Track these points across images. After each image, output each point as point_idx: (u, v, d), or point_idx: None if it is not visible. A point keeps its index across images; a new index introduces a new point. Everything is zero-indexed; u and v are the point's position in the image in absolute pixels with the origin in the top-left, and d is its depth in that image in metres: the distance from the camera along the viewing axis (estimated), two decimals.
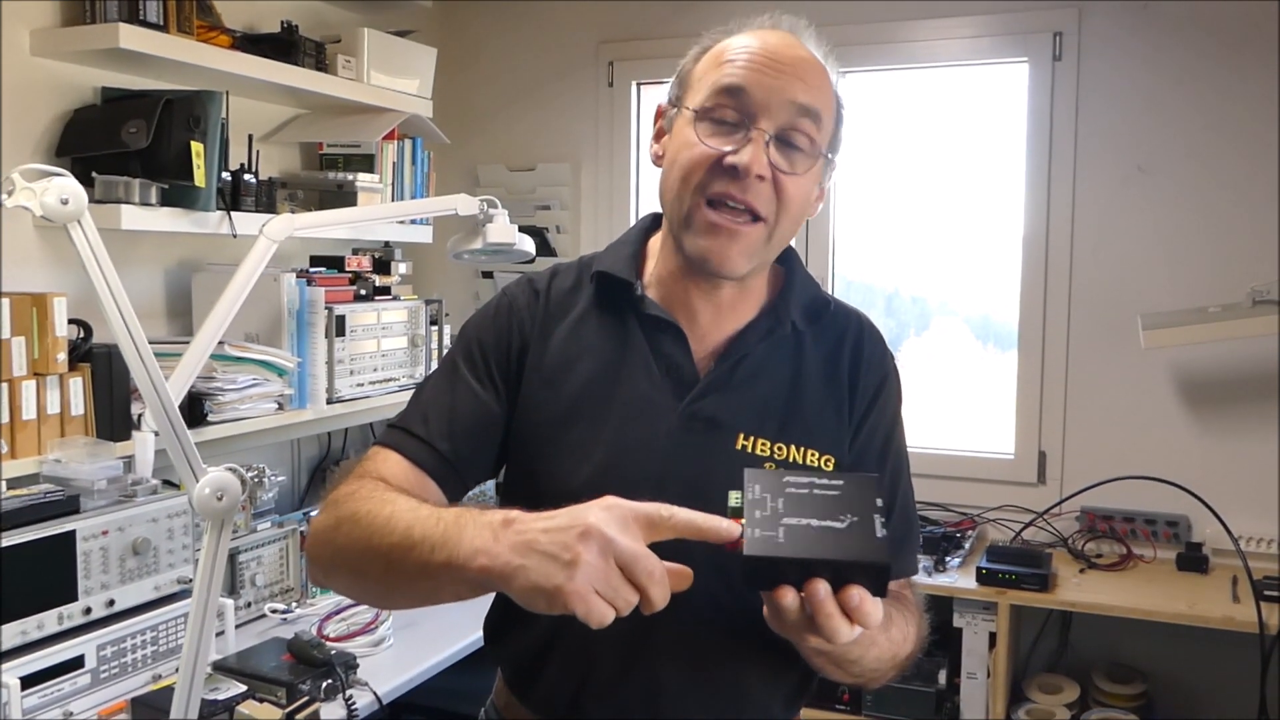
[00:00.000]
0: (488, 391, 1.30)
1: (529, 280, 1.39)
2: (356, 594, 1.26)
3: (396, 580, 1.09)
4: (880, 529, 0.98)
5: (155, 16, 2.25)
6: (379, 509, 1.12)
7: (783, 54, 1.23)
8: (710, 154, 1.20)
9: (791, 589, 0.97)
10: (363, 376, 2.72)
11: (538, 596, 0.95)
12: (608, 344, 1.31)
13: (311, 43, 2.69)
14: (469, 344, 1.34)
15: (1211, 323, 2.70)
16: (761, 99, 1.20)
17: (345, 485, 1.22)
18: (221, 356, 2.37)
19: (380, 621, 2.34)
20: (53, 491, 1.97)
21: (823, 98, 1.24)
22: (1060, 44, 3.01)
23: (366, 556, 1.10)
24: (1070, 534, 3.00)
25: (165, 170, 2.27)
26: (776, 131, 1.21)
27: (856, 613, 0.96)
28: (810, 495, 1.01)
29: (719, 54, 1.26)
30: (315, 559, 1.22)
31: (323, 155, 2.97)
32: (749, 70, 1.21)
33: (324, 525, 1.19)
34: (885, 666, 1.21)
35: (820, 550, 0.96)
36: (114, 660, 1.98)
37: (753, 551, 0.96)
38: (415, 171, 3.07)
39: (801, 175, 1.23)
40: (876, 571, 0.96)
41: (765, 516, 0.99)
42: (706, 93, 1.23)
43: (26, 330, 2.03)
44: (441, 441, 1.27)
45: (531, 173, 3.60)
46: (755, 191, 1.19)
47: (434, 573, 1.03)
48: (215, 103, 2.32)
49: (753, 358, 1.30)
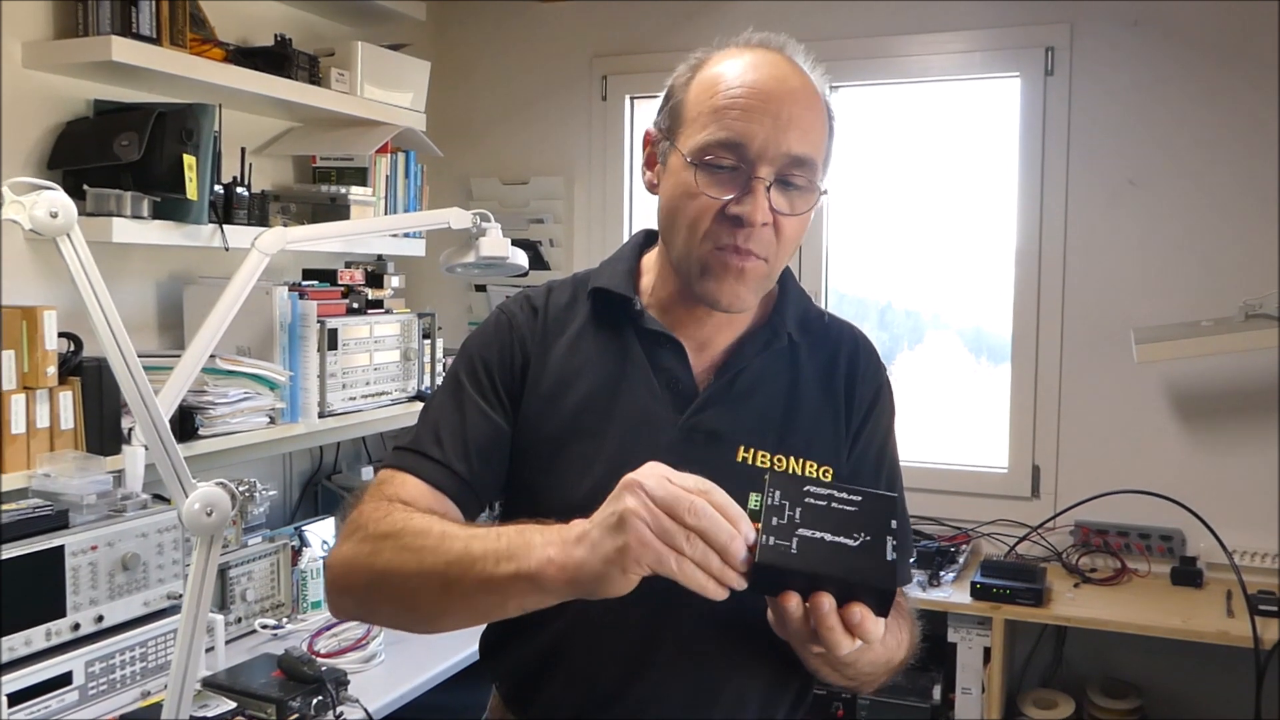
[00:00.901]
0: (495, 410, 1.30)
1: (526, 296, 1.39)
2: (399, 618, 1.21)
3: (453, 597, 1.09)
4: (891, 552, 0.99)
5: (148, 29, 2.25)
6: (427, 528, 1.12)
7: (775, 91, 1.20)
8: (713, 204, 1.21)
9: (796, 596, 0.99)
10: (355, 390, 2.71)
11: (613, 570, 0.96)
12: (607, 358, 1.31)
13: (305, 56, 2.68)
14: (472, 362, 1.34)
15: (1204, 336, 2.70)
16: (759, 150, 1.19)
17: (368, 509, 1.20)
18: (213, 370, 2.36)
19: (371, 637, 2.33)
20: (42, 506, 1.96)
21: (817, 137, 1.24)
22: (1052, 59, 3.02)
23: (419, 577, 1.10)
24: (1064, 548, 3.00)
25: (157, 183, 2.26)
26: (775, 177, 1.20)
27: (858, 629, 0.98)
28: (828, 508, 1.02)
29: (710, 87, 1.23)
30: (348, 588, 1.19)
31: (316, 168, 2.97)
32: (745, 121, 1.19)
33: (356, 552, 1.16)
34: (879, 671, 1.25)
35: (829, 567, 0.98)
36: (102, 677, 1.96)
37: (765, 560, 0.97)
38: (408, 185, 3.07)
39: (802, 215, 1.24)
40: (882, 595, 0.98)
41: (781, 525, 1.00)
42: (702, 139, 1.21)
43: (16, 343, 2.01)
44: (459, 463, 1.26)
45: (525, 186, 3.60)
46: (759, 239, 1.21)
47: (500, 585, 1.04)
48: (208, 116, 2.32)
49: (751, 370, 1.31)
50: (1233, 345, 2.67)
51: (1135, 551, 2.93)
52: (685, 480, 0.98)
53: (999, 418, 3.17)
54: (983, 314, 3.34)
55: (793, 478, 1.13)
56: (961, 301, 3.40)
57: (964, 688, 2.78)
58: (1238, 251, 2.86)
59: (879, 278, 3.47)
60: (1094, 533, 2.97)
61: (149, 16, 2.25)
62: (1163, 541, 2.91)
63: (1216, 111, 2.87)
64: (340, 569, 1.19)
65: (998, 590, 2.70)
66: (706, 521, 0.95)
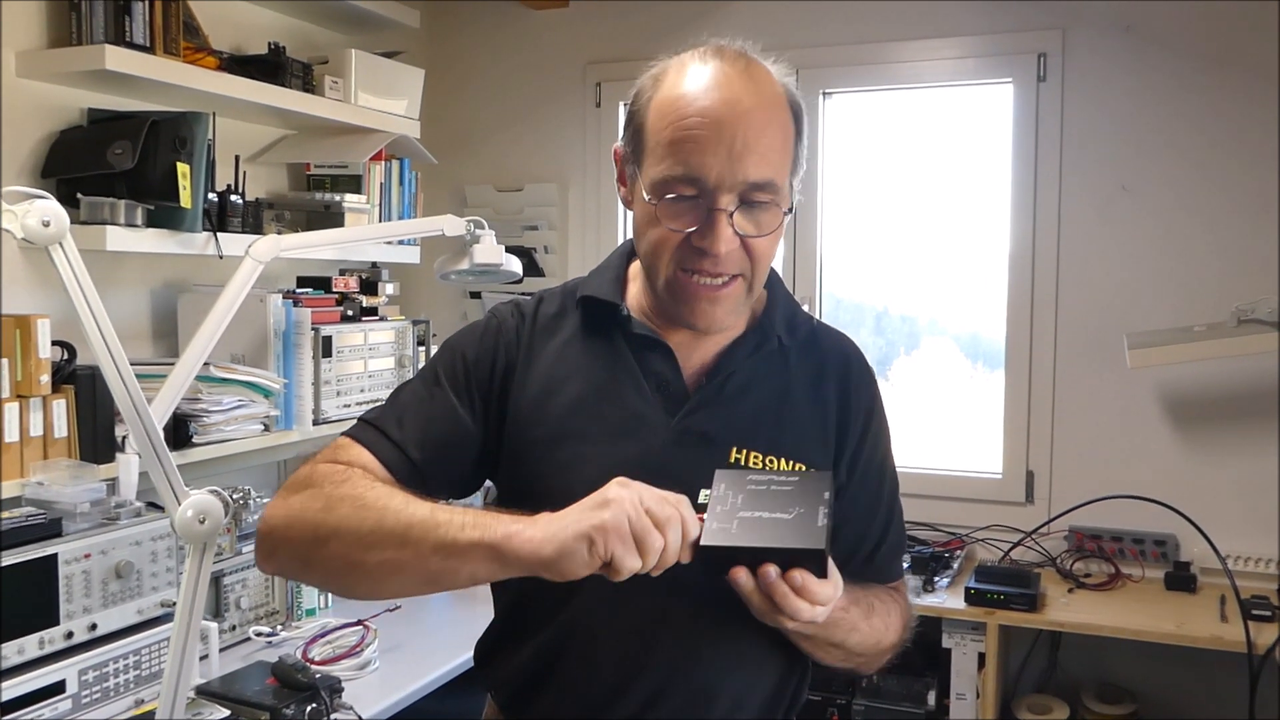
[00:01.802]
0: (465, 408, 1.31)
1: (516, 304, 1.40)
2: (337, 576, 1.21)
3: (407, 556, 1.11)
4: (823, 518, 1.08)
5: (142, 38, 2.25)
6: (390, 493, 1.16)
7: (728, 118, 1.17)
8: (676, 236, 1.21)
9: (745, 570, 1.07)
10: (349, 397, 2.71)
11: (580, 547, 1.02)
12: (597, 364, 1.32)
13: (299, 64, 2.69)
14: (452, 357, 1.35)
15: (1197, 342, 2.71)
16: (715, 181, 1.17)
17: (322, 469, 1.22)
18: (207, 378, 2.36)
19: (366, 645, 2.33)
20: (35, 514, 1.96)
21: (778, 156, 1.20)
22: (1045, 65, 3.03)
23: (375, 534, 1.12)
24: (1058, 554, 3.00)
25: (151, 191, 2.26)
26: (737, 203, 1.19)
27: (804, 592, 1.07)
28: (767, 491, 1.12)
29: (666, 114, 1.20)
30: (287, 540, 1.19)
31: (310, 176, 2.97)
32: (699, 154, 1.17)
33: (305, 506, 1.18)
34: (871, 651, 1.30)
35: (764, 539, 1.07)
36: (96, 685, 1.96)
37: (707, 542, 1.06)
38: (403, 192, 3.07)
39: (770, 234, 1.23)
40: (812, 556, 1.07)
41: (724, 511, 1.10)
42: (659, 174, 1.20)
43: (10, 352, 2.02)
44: (414, 449, 1.28)
45: (519, 193, 3.60)
46: (727, 263, 1.21)
47: (459, 550, 1.08)
48: (202, 124, 2.32)
49: (741, 373, 1.32)
50: (1226, 350, 2.68)
51: (1129, 557, 2.94)
52: (669, 497, 1.06)
53: (994, 423, 3.17)
54: (979, 319, 3.35)
55: (738, 470, 1.18)
56: (958, 307, 3.41)
57: (958, 693, 2.78)
58: (1231, 256, 2.87)
59: (875, 283, 3.48)
60: (1088, 538, 2.98)
61: (142, 25, 2.25)
62: (1156, 547, 2.92)
63: (1209, 117, 2.88)
64: (282, 520, 1.20)
65: (992, 596, 2.71)
66: (673, 535, 1.04)
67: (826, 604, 1.09)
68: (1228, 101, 2.86)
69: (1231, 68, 2.85)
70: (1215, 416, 2.90)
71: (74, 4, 2.24)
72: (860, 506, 1.35)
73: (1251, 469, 2.85)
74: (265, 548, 1.23)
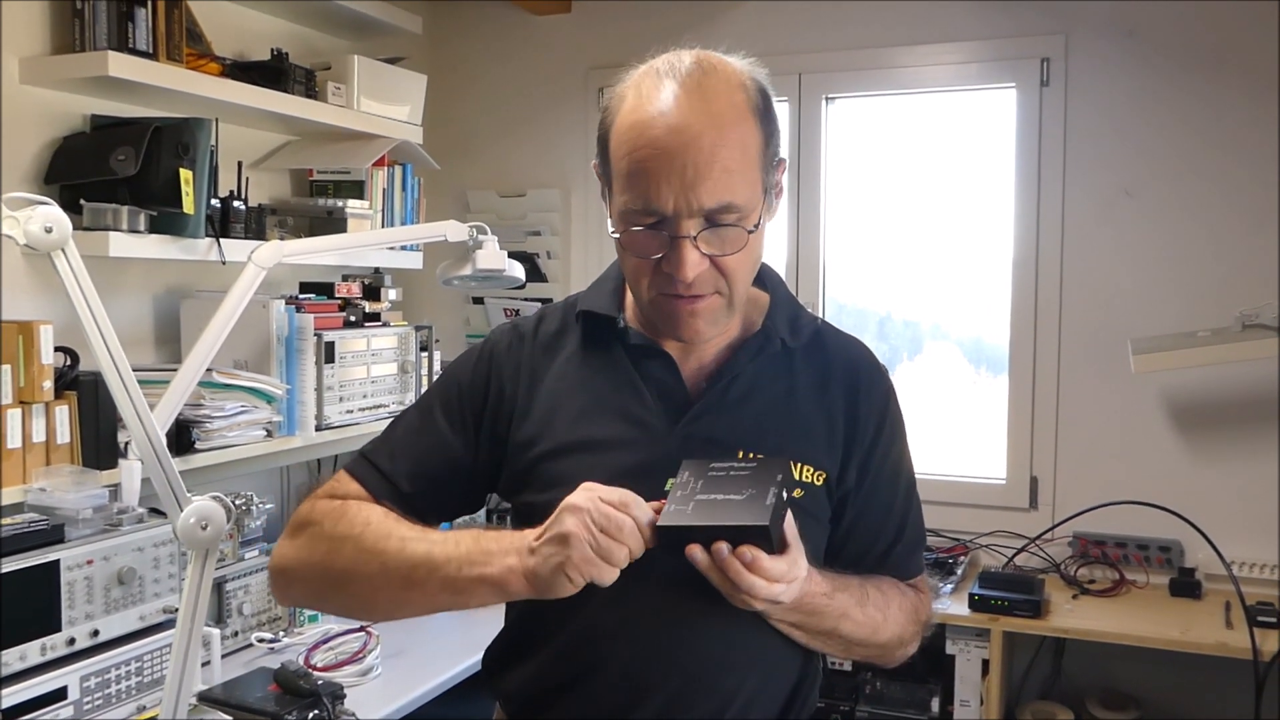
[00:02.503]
0: (458, 437, 1.35)
1: (513, 325, 1.42)
2: (352, 610, 1.35)
3: (414, 595, 1.22)
4: (771, 497, 1.13)
5: (145, 44, 2.25)
6: (386, 531, 1.23)
7: (678, 146, 1.15)
8: (645, 264, 1.22)
9: (699, 547, 1.12)
10: (352, 403, 2.71)
11: (559, 579, 1.11)
12: (598, 377, 1.33)
13: (301, 70, 2.69)
14: (447, 387, 1.39)
15: (1201, 347, 2.70)
16: (675, 211, 1.17)
17: (321, 506, 1.30)
18: (210, 383, 2.36)
19: (368, 651, 2.32)
20: (37, 521, 1.95)
21: (737, 176, 1.18)
22: (1048, 70, 3.02)
23: (381, 577, 1.21)
24: (1062, 560, 2.99)
25: (154, 197, 2.26)
26: (702, 226, 1.18)
27: (755, 568, 1.11)
28: (726, 477, 1.17)
29: (624, 142, 1.20)
30: (300, 580, 1.29)
31: (313, 182, 2.97)
32: (656, 185, 1.16)
33: (311, 550, 1.27)
34: (869, 641, 1.31)
35: (714, 519, 1.12)
36: (98, 691, 1.96)
37: (663, 523, 1.13)
38: (405, 198, 3.07)
39: (739, 251, 1.21)
40: (759, 532, 1.11)
41: (683, 495, 1.16)
42: (621, 205, 1.21)
43: (12, 358, 2.01)
44: (404, 482, 1.34)
45: (522, 199, 3.60)
46: (700, 283, 1.21)
47: (464, 588, 1.18)
48: (204, 130, 2.32)
49: (745, 377, 1.32)
50: (1230, 355, 2.67)
51: (1134, 563, 2.93)
52: (612, 496, 1.12)
53: (998, 428, 3.17)
54: (982, 324, 3.34)
55: (703, 461, 1.21)
56: (961, 312, 3.40)
57: (962, 700, 2.77)
58: (1235, 261, 2.86)
59: (878, 288, 3.47)
60: (1092, 544, 2.97)
61: (145, 32, 2.25)
62: (1161, 553, 2.91)
63: (1212, 121, 2.88)
64: (292, 563, 1.29)
65: (996, 602, 2.70)
66: (631, 538, 1.11)
67: (781, 580, 1.13)
68: (1230, 106, 2.86)
69: (1234, 72, 2.85)
70: (1220, 422, 2.89)
71: (77, 10, 2.24)
72: (876, 506, 1.36)
73: (1256, 474, 2.84)
74: (279, 586, 1.33)
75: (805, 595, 1.20)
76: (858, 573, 1.31)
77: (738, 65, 1.23)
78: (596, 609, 1.23)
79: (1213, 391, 2.89)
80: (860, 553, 1.35)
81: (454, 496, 1.37)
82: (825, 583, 1.24)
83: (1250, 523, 2.83)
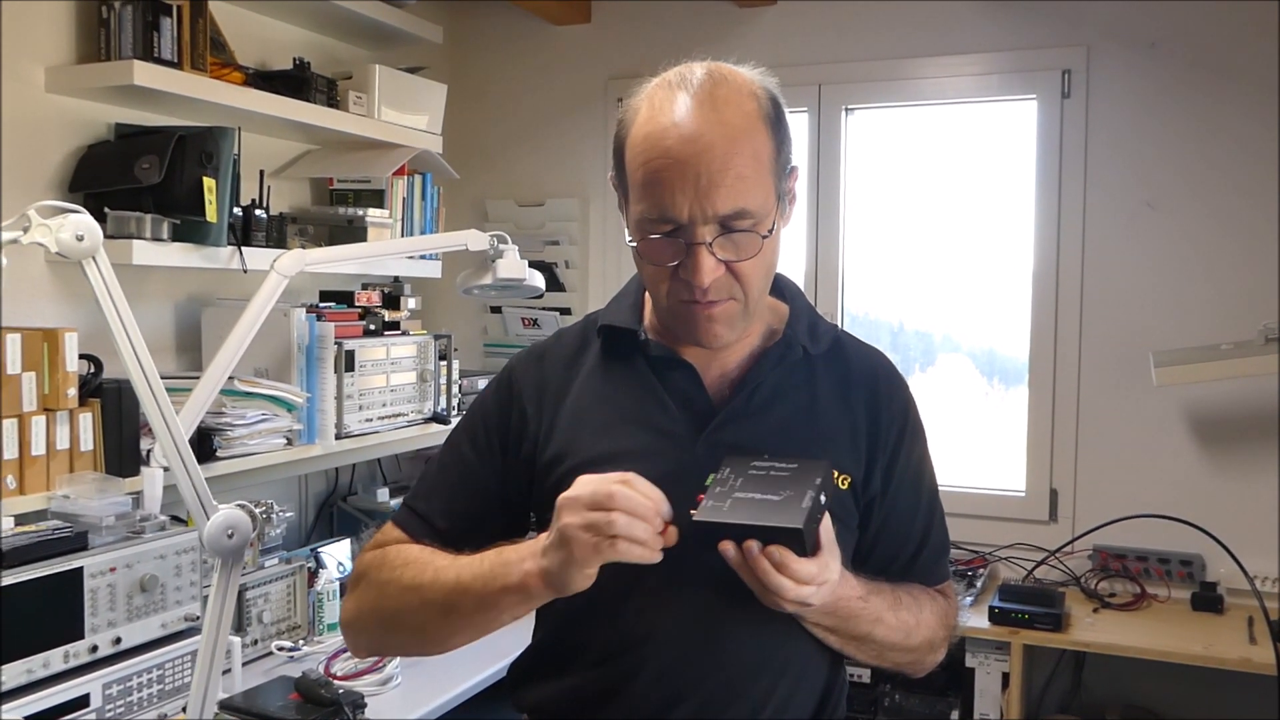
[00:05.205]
0: (486, 467, 1.38)
1: (531, 348, 1.45)
2: (412, 646, 1.43)
3: (455, 619, 1.27)
4: (808, 500, 1.13)
5: (169, 53, 2.27)
6: (420, 568, 1.29)
7: (690, 156, 1.17)
8: (663, 271, 1.24)
9: (731, 544, 1.14)
10: (371, 412, 2.71)
11: (570, 571, 1.14)
12: (620, 390, 1.34)
13: (323, 79, 2.70)
14: (473, 420, 1.43)
15: (1224, 360, 2.68)
16: (689, 218, 1.19)
17: (368, 558, 1.38)
18: (231, 391, 2.37)
19: (388, 660, 2.32)
20: (61, 528, 1.95)
21: (750, 182, 1.20)
22: (1069, 82, 3.02)
23: (424, 609, 1.28)
24: (1083, 573, 2.97)
25: (177, 206, 2.27)
26: (716, 233, 1.20)
27: (784, 569, 1.12)
28: (766, 476, 1.18)
29: (638, 154, 1.22)
30: (363, 630, 1.37)
31: (333, 190, 2.98)
32: (670, 194, 1.18)
33: (362, 600, 1.35)
34: (902, 646, 1.31)
35: (749, 517, 1.13)
36: (120, 699, 1.96)
37: (699, 518, 1.15)
38: (425, 207, 3.08)
39: (753, 258, 1.23)
40: (791, 534, 1.12)
41: (722, 491, 1.17)
42: (637, 214, 1.23)
43: (37, 365, 2.02)
44: (439, 519, 1.38)
45: (540, 208, 3.60)
46: (716, 289, 1.23)
47: (494, 601, 1.21)
48: (227, 139, 2.33)
49: (767, 385, 1.33)
50: (1253, 369, 2.65)
51: (1155, 576, 2.91)
52: (609, 475, 1.15)
53: (1014, 440, 3.15)
54: (996, 336, 3.33)
55: (745, 458, 1.22)
56: (974, 323, 3.39)
57: (982, 714, 2.76)
58: (1257, 274, 2.85)
59: (891, 298, 3.46)
60: (1113, 557, 2.95)
61: (170, 41, 2.27)
62: (1183, 566, 2.89)
63: (1235, 134, 2.87)
64: (353, 617, 1.37)
65: (1016, 615, 2.68)
66: (624, 502, 1.11)
67: (811, 583, 1.13)
68: (1252, 118, 2.84)
69: (1255, 85, 2.83)
70: (1242, 435, 2.87)
71: (103, 20, 2.25)
72: (900, 512, 1.37)
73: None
74: (349, 640, 1.40)
75: (839, 600, 1.21)
76: (885, 580, 1.32)
77: (748, 75, 1.26)
78: (629, 618, 1.25)
79: (1235, 405, 2.87)
80: (886, 559, 1.36)
81: (491, 527, 1.37)
82: (859, 586, 1.24)
83: (1273, 537, 2.81)
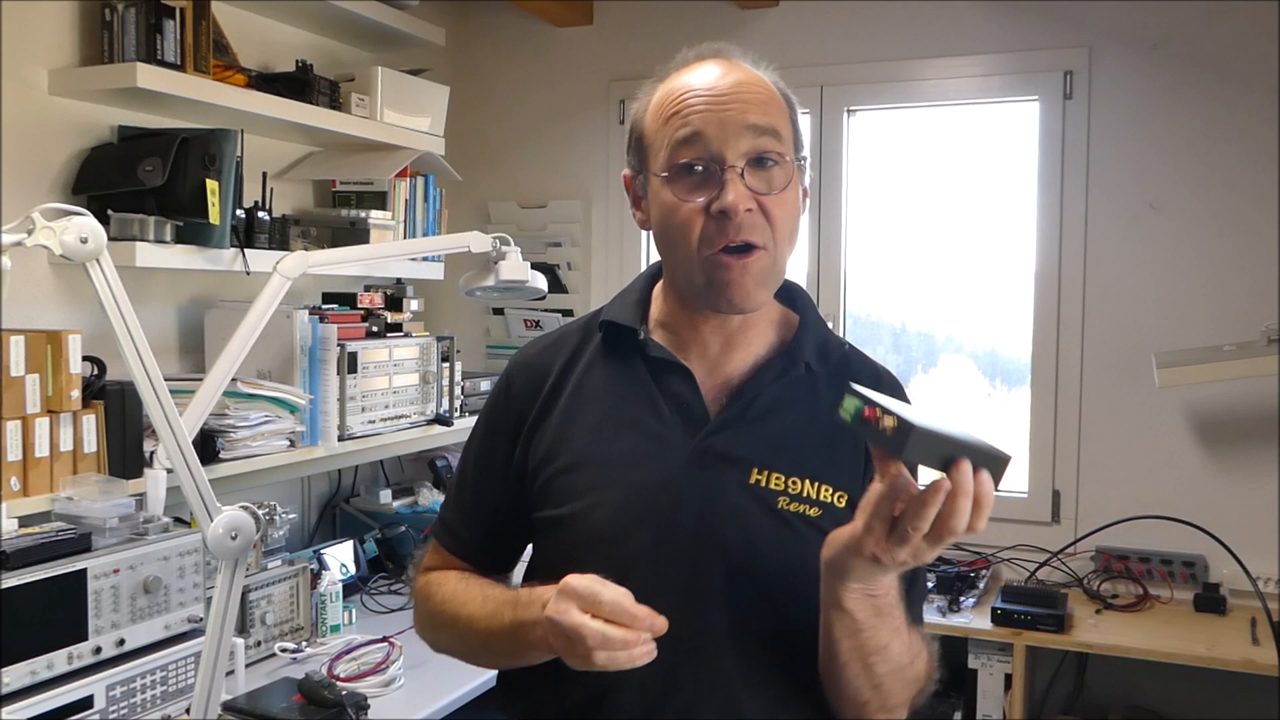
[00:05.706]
0: (496, 475, 1.39)
1: (527, 348, 1.44)
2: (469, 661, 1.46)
3: (495, 660, 1.36)
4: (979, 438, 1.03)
5: (172, 56, 2.27)
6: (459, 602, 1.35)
7: (720, 84, 1.25)
8: (696, 208, 1.23)
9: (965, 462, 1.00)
10: (374, 413, 2.72)
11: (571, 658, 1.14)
12: (615, 389, 1.33)
13: (326, 81, 2.70)
14: (480, 431, 1.44)
15: (1226, 361, 2.68)
16: (718, 135, 1.22)
17: (419, 583, 1.45)
18: (234, 393, 2.37)
19: (391, 661, 2.32)
20: (64, 529, 1.96)
21: (773, 110, 1.25)
22: (1071, 83, 3.02)
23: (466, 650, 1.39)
24: (1085, 574, 2.97)
25: (180, 208, 2.28)
26: (744, 160, 1.22)
27: (985, 497, 1.01)
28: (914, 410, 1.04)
29: (662, 106, 1.28)
30: (435, 646, 1.46)
31: (335, 192, 2.99)
32: (696, 113, 1.23)
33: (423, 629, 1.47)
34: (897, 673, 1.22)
35: (966, 435, 1.01)
36: (123, 700, 1.96)
37: (920, 423, 0.99)
38: (427, 208, 3.08)
39: (783, 191, 1.24)
40: (1004, 464, 1.03)
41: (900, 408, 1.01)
42: (666, 152, 1.25)
43: (40, 367, 2.03)
44: (463, 530, 1.43)
45: (543, 210, 3.61)
46: (748, 227, 1.22)
47: (521, 652, 1.24)
48: (230, 141, 2.33)
49: (766, 397, 1.30)
50: (1256, 370, 2.65)
51: (1157, 577, 2.91)
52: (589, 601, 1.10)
53: (1016, 441, 3.15)
54: (998, 337, 3.33)
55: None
56: (976, 324, 3.39)
57: (984, 715, 2.76)
58: (1260, 275, 2.85)
59: (892, 299, 3.46)
60: (1115, 558, 2.95)
61: (173, 44, 2.27)
62: (1185, 568, 2.89)
63: (1237, 135, 2.87)
64: (422, 634, 1.48)
65: (1019, 616, 2.68)
66: (599, 642, 1.09)
67: (986, 518, 1.03)
68: (1255, 119, 2.84)
69: (1258, 85, 2.83)
70: (1245, 436, 2.87)
71: (106, 22, 2.26)
72: None
73: None
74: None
75: (886, 591, 1.15)
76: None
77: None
78: None
79: (1238, 406, 2.87)
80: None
81: (508, 535, 1.40)
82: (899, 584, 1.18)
83: (1276, 537, 2.81)
